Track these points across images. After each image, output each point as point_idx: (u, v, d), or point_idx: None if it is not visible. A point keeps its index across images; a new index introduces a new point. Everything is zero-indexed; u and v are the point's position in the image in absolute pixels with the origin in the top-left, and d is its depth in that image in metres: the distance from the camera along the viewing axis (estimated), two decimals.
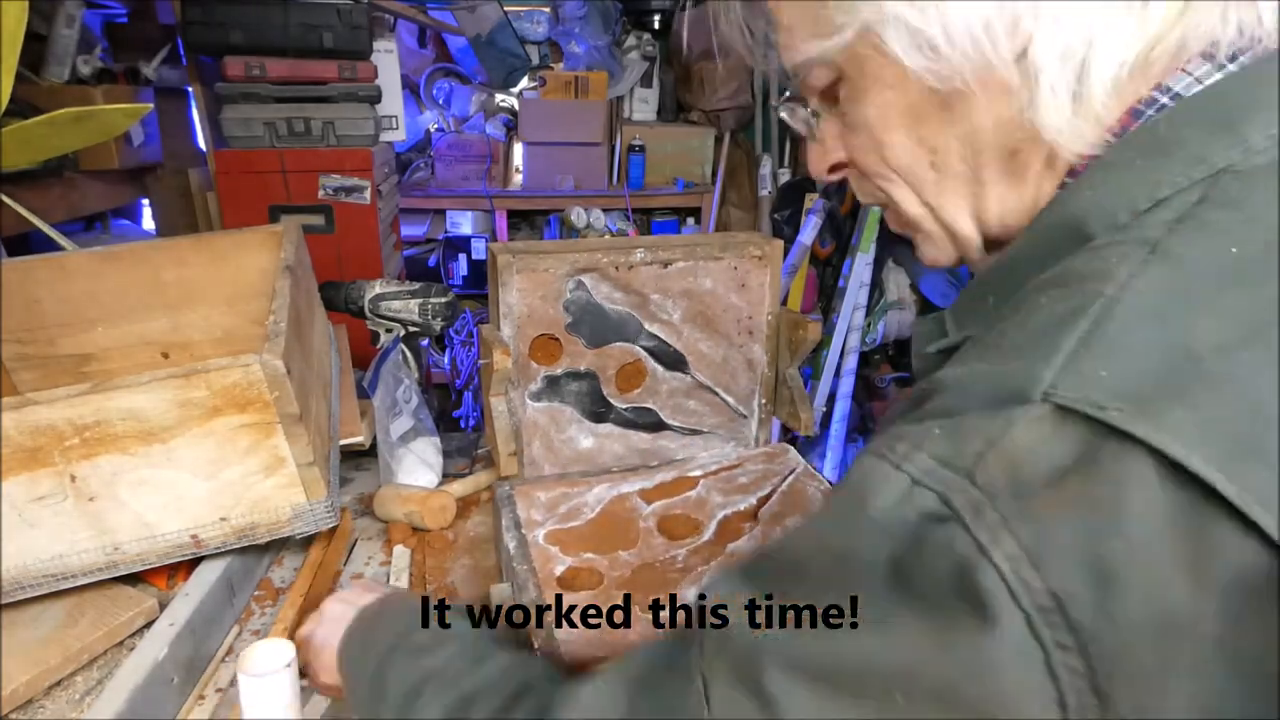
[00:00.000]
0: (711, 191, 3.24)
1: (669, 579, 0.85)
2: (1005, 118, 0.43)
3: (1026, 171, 0.45)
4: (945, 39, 0.41)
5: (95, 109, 1.19)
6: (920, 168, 0.47)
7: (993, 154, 0.45)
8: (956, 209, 0.48)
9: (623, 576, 0.85)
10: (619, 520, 0.95)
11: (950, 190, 0.47)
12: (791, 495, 1.00)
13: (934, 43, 0.41)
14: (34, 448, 0.75)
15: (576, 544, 0.90)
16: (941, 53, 0.41)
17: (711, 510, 0.98)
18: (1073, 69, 0.41)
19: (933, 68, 0.42)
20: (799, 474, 1.04)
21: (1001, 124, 0.44)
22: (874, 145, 0.48)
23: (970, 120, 0.44)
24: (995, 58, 0.41)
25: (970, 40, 0.41)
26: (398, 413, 1.19)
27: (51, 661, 0.77)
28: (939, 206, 0.48)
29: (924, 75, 0.42)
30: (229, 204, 2.19)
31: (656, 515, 0.97)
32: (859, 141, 0.49)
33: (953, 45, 0.41)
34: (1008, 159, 0.45)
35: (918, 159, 0.47)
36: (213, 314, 1.23)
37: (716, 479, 1.05)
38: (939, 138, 0.46)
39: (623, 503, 0.98)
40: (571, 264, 1.00)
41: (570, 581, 0.84)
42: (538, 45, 3.21)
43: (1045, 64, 0.41)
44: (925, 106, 0.45)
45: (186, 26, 2.05)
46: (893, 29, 0.42)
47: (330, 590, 0.97)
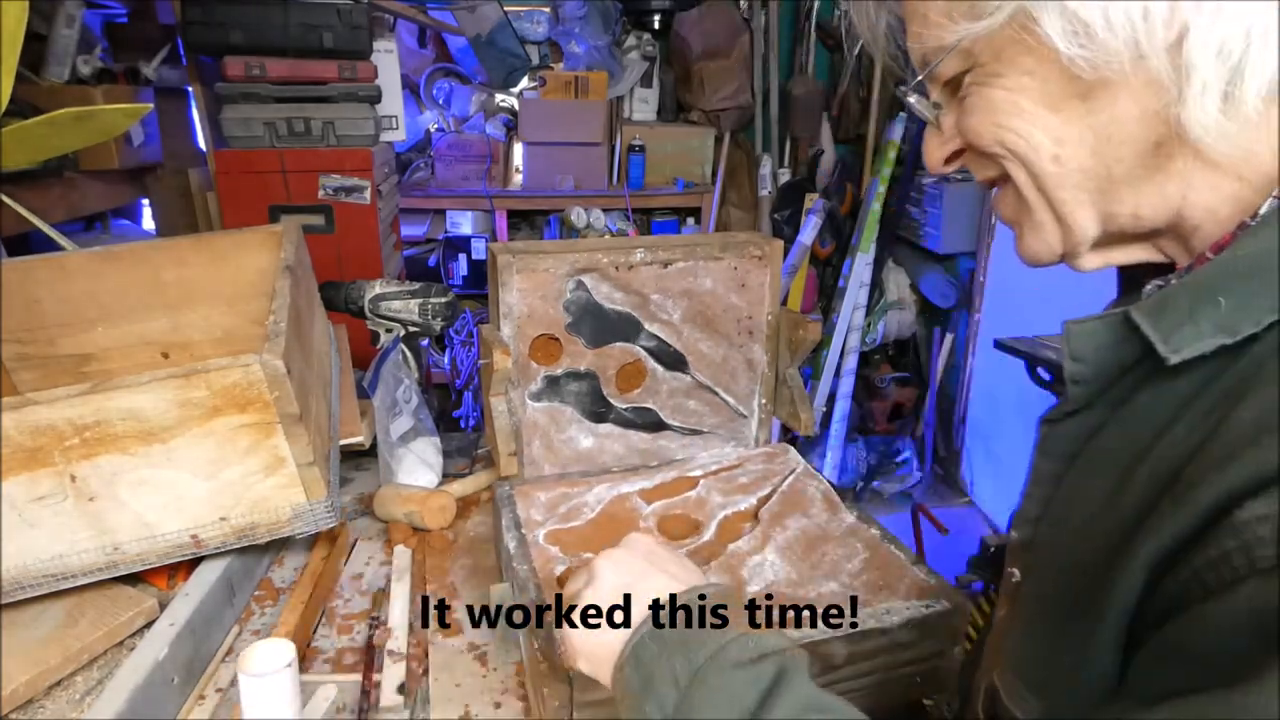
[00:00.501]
0: (711, 191, 3.24)
1: None
2: (1150, 111, 0.42)
3: (1170, 165, 0.44)
4: (1104, 24, 0.40)
5: (95, 109, 1.19)
6: (1041, 159, 0.46)
7: (1131, 146, 0.44)
8: (1075, 201, 0.47)
9: None
10: (619, 520, 0.95)
11: (1071, 184, 0.46)
12: (791, 495, 1.00)
13: (1091, 28, 0.40)
14: (34, 448, 0.75)
15: (576, 544, 0.90)
16: (1097, 39, 0.40)
17: (711, 510, 0.98)
18: (1228, 67, 0.40)
19: (1085, 55, 0.41)
20: (799, 474, 1.04)
21: (1146, 116, 0.42)
22: (993, 129, 0.47)
23: (1111, 111, 0.43)
24: (1149, 48, 0.40)
25: (1129, 27, 0.40)
26: (398, 413, 1.19)
27: (51, 661, 0.77)
28: (1057, 199, 0.47)
29: (1074, 62, 0.41)
30: (229, 204, 2.19)
31: (656, 515, 0.97)
32: (974, 124, 0.48)
33: (1111, 31, 0.40)
34: (1150, 152, 0.44)
35: (1039, 149, 0.46)
36: (213, 314, 1.23)
37: (716, 479, 1.05)
38: (1069, 129, 0.44)
39: (623, 503, 0.99)
40: (571, 264, 1.00)
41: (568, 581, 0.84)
42: (538, 45, 3.21)
43: (1199, 59, 0.40)
44: (1062, 96, 0.44)
45: (186, 26, 2.05)
46: (1051, 12, 0.41)
47: (331, 592, 0.97)
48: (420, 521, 1.08)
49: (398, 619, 0.90)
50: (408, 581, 0.98)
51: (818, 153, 3.34)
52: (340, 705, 0.79)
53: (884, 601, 0.78)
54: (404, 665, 0.83)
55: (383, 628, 0.88)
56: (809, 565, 0.87)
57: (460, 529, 1.11)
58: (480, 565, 1.03)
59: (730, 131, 3.25)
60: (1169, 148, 0.43)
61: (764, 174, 3.29)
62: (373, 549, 1.07)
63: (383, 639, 0.86)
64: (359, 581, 1.00)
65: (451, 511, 1.11)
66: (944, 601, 0.78)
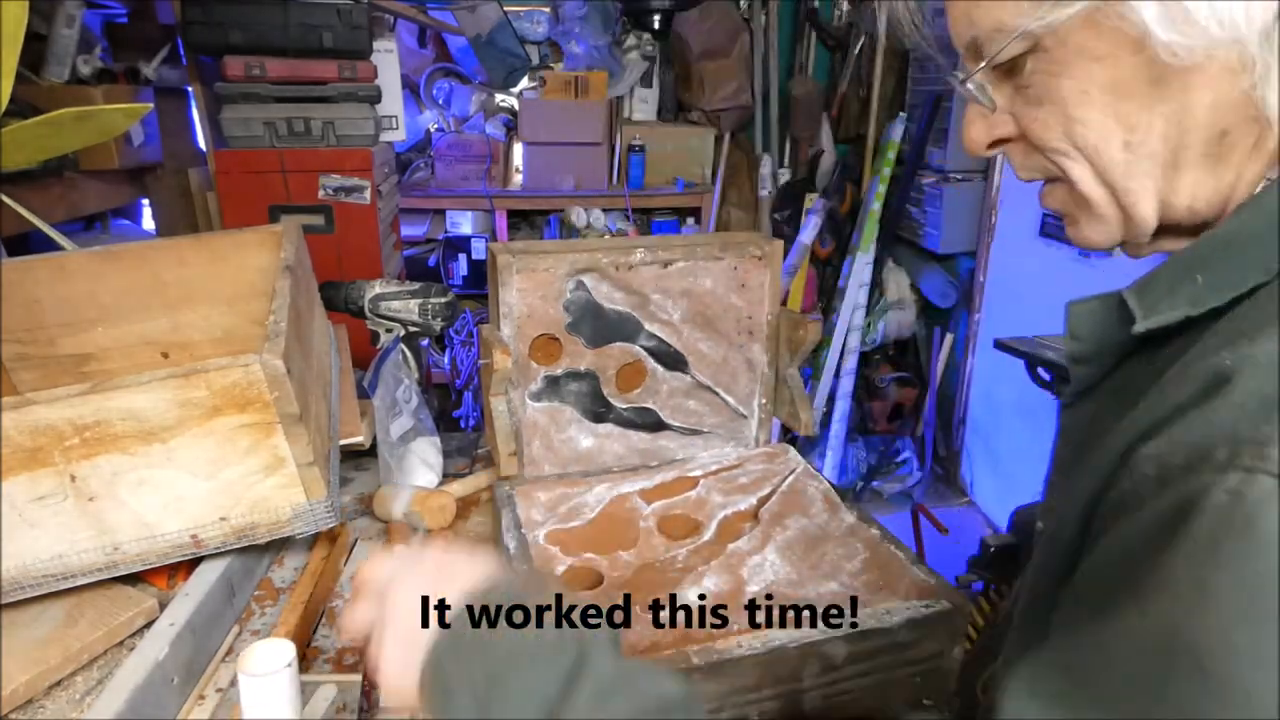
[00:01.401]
0: (711, 191, 3.24)
1: (669, 579, 0.85)
2: (1226, 97, 0.42)
3: (1231, 154, 0.44)
4: (1208, 10, 0.39)
5: (95, 109, 1.20)
6: (1111, 147, 0.45)
7: (1199, 134, 0.43)
8: (1143, 190, 0.46)
9: (623, 577, 0.85)
10: (619, 520, 0.95)
11: (1140, 172, 0.45)
12: (791, 495, 1.00)
13: (1192, 14, 0.39)
14: (34, 448, 0.75)
15: (577, 544, 0.90)
16: (1197, 25, 0.40)
17: (711, 510, 0.98)
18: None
19: (1181, 40, 0.40)
20: (799, 474, 1.04)
21: (1219, 104, 0.42)
22: (1061, 120, 0.45)
23: (1183, 98, 0.42)
24: (1246, 32, 0.39)
25: (1229, 12, 0.39)
26: (398, 413, 1.19)
27: (51, 661, 0.77)
28: (1124, 189, 0.46)
29: (1168, 47, 0.40)
30: (229, 204, 2.19)
31: (657, 515, 0.97)
32: (1040, 115, 0.46)
33: (1214, 17, 0.39)
34: (1216, 140, 0.43)
35: (1110, 137, 0.44)
36: (213, 314, 1.23)
37: (717, 479, 1.05)
38: (1141, 115, 0.43)
39: (623, 503, 0.99)
40: (571, 264, 1.00)
41: (570, 581, 0.84)
42: (538, 45, 3.21)
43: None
44: (1134, 82, 0.43)
45: (186, 26, 2.05)
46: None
47: (331, 592, 0.97)
48: (420, 521, 1.08)
49: None
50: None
51: (818, 153, 3.34)
52: (340, 705, 0.79)
53: (884, 601, 0.78)
54: None
55: None
56: (809, 565, 0.87)
57: (460, 529, 1.11)
58: None
59: (730, 131, 3.25)
60: (1234, 137, 0.43)
61: (764, 174, 3.29)
62: (373, 549, 1.07)
63: None
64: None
65: (451, 511, 1.11)
66: (944, 601, 0.78)
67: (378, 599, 0.53)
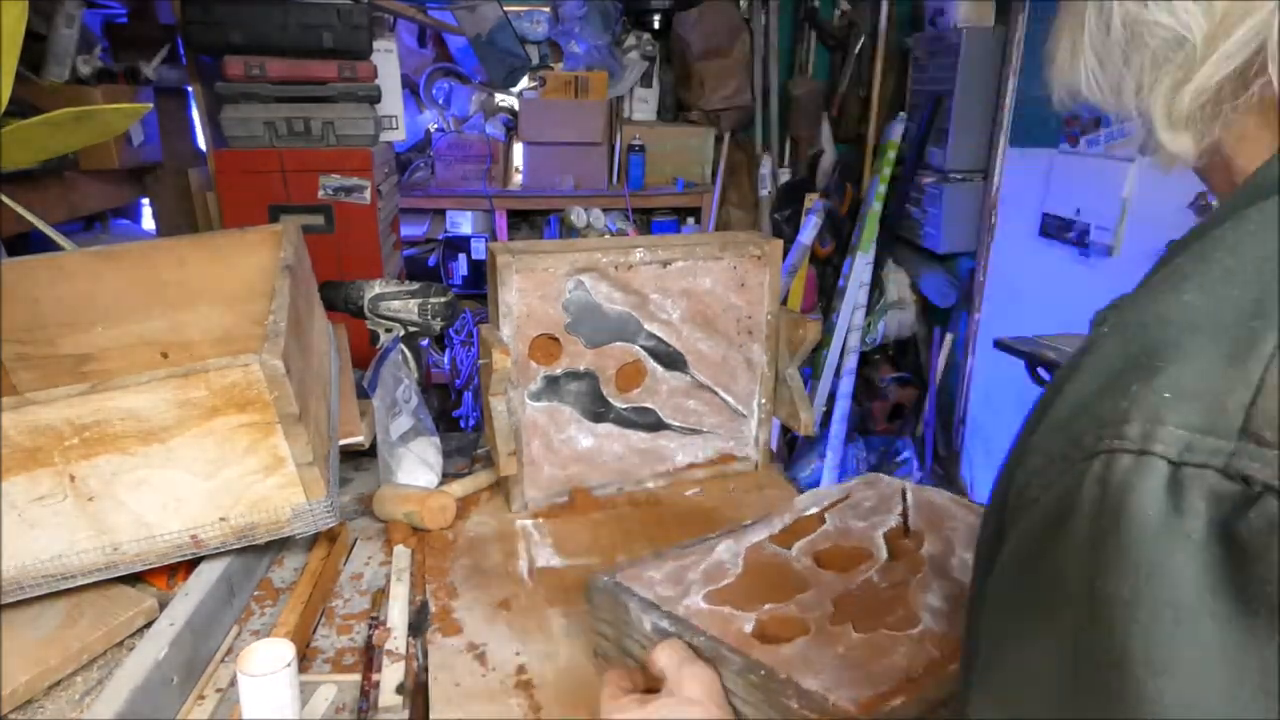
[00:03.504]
0: (711, 191, 3.24)
1: (883, 599, 0.74)
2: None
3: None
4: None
5: (95, 109, 1.20)
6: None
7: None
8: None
9: (826, 613, 0.72)
10: (773, 568, 0.81)
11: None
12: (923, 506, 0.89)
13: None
14: (34, 448, 0.75)
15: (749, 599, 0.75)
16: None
17: (863, 533, 0.85)
18: None
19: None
20: (912, 489, 0.92)
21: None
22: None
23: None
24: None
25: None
26: (398, 413, 1.19)
27: (51, 661, 0.77)
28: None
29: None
30: (229, 204, 2.19)
31: (807, 554, 0.83)
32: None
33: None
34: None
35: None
36: (213, 314, 1.23)
37: (838, 511, 0.91)
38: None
39: (759, 552, 0.84)
40: (571, 264, 1.01)
41: (773, 634, 0.71)
42: (538, 45, 3.21)
43: None
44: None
45: (186, 26, 2.05)
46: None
47: (330, 593, 0.97)
48: (420, 521, 1.08)
49: (397, 619, 0.90)
50: (407, 582, 0.98)
51: (818, 153, 3.34)
52: (340, 705, 0.79)
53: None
54: (403, 665, 0.83)
55: (382, 628, 0.88)
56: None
57: (460, 529, 1.11)
58: (480, 565, 1.02)
59: (730, 131, 3.25)
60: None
61: (764, 174, 3.29)
62: (372, 549, 1.07)
63: (382, 639, 0.86)
64: (359, 581, 1.00)
65: (451, 511, 1.11)
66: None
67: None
